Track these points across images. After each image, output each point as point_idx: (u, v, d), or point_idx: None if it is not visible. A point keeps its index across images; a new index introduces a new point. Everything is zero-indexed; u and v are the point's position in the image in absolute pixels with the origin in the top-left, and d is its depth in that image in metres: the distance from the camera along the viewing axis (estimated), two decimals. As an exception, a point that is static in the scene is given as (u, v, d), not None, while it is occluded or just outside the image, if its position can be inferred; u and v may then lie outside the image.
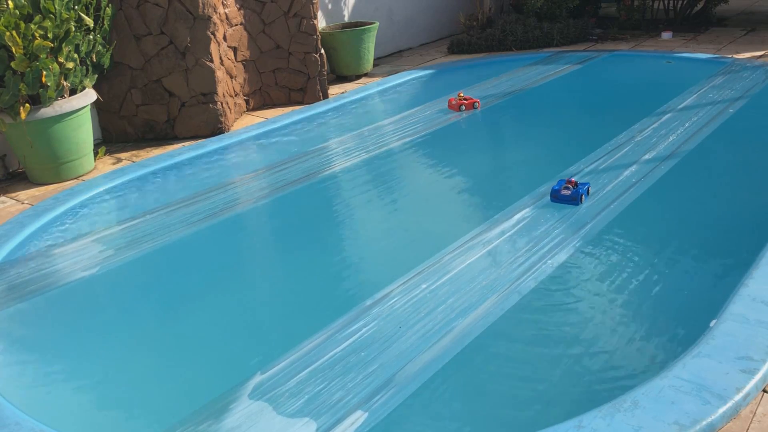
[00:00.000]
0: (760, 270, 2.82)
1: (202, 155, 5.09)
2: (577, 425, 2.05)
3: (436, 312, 2.88)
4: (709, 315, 2.58)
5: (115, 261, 3.62)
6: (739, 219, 3.70)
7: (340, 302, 3.14)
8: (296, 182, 4.52)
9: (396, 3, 8.29)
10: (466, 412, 2.40)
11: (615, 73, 6.97)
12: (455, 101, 5.82)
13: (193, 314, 3.19)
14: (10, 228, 3.92)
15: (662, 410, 2.08)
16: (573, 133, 5.45)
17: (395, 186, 4.55)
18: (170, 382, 2.72)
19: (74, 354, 2.95)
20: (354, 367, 2.57)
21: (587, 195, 3.89)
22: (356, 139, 5.37)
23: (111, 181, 4.59)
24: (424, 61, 7.77)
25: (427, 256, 3.36)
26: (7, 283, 3.41)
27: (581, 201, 3.83)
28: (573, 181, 3.87)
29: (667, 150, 4.54)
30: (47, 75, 4.45)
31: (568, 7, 8.25)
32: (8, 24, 4.29)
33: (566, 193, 3.83)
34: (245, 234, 4.11)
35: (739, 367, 2.24)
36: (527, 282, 3.08)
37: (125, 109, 5.56)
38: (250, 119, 5.99)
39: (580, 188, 3.85)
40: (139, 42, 5.39)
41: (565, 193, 3.84)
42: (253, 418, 2.35)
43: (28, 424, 2.34)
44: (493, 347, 2.71)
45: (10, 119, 4.49)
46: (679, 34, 7.99)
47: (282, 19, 6.16)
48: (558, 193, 3.86)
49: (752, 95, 5.54)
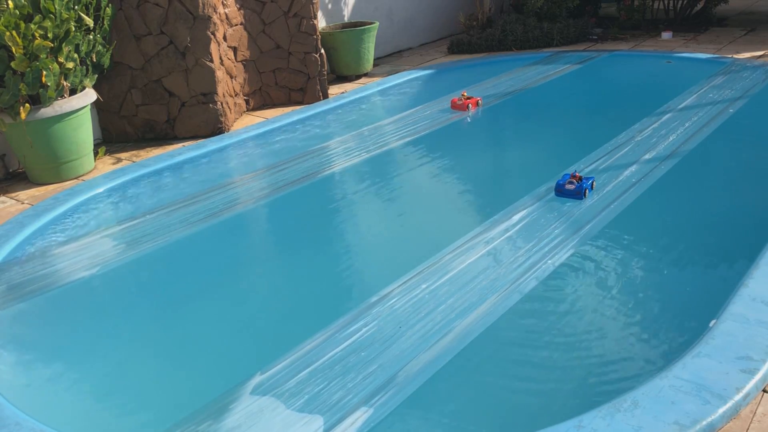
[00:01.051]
0: (760, 270, 2.83)
1: (202, 155, 5.09)
2: (577, 425, 2.05)
3: (436, 312, 2.88)
4: (709, 315, 2.58)
5: (115, 261, 3.62)
6: (739, 219, 3.70)
7: (340, 302, 3.14)
8: (296, 182, 4.52)
9: (396, 3, 8.29)
10: (466, 412, 2.40)
11: (615, 73, 6.98)
12: (459, 101, 5.81)
13: (192, 314, 3.19)
14: (10, 228, 3.92)
15: (662, 410, 2.08)
16: (573, 133, 5.46)
17: (395, 186, 4.55)
18: (170, 382, 2.72)
19: (74, 354, 2.95)
20: (354, 367, 2.57)
21: (591, 189, 3.91)
22: (356, 139, 5.37)
23: (111, 181, 4.59)
24: (424, 61, 7.77)
25: (427, 255, 3.36)
26: (7, 283, 3.41)
27: (585, 195, 3.85)
28: (578, 176, 3.90)
29: (667, 150, 4.54)
30: (47, 75, 4.45)
31: (568, 7, 8.25)
32: (8, 24, 4.29)
33: (570, 187, 3.87)
34: (245, 234, 4.11)
35: (739, 367, 2.24)
36: (527, 282, 3.08)
37: (125, 109, 5.56)
38: (250, 119, 5.99)
39: (584, 183, 3.88)
40: (139, 42, 5.39)
41: (569, 187, 3.87)
42: (253, 418, 2.35)
43: (28, 424, 2.34)
44: (493, 347, 2.71)
45: (10, 119, 4.49)
46: (679, 34, 7.99)
47: (282, 19, 6.16)
48: (562, 188, 3.90)
49: (752, 95, 5.53)
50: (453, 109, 5.83)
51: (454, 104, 5.84)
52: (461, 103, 5.79)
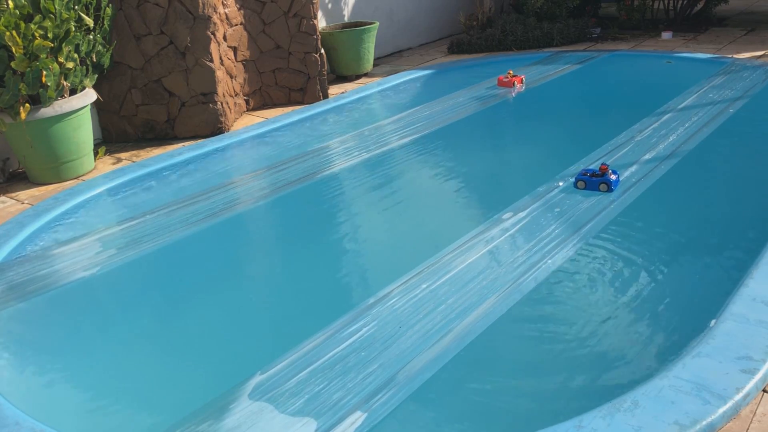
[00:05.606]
0: (760, 270, 2.83)
1: (202, 155, 5.09)
2: (577, 425, 2.05)
3: (436, 312, 2.88)
4: (709, 315, 2.58)
5: (115, 261, 3.62)
6: (739, 219, 3.70)
7: (340, 302, 3.14)
8: (296, 182, 4.52)
9: (396, 3, 8.29)
10: (466, 412, 2.40)
11: (615, 73, 6.97)
12: (506, 78, 6.29)
13: (192, 314, 3.19)
14: (10, 228, 3.92)
15: (662, 410, 2.08)
16: (573, 132, 5.46)
17: (395, 186, 4.54)
18: (170, 382, 2.72)
19: (74, 354, 2.95)
20: (354, 367, 2.57)
21: (615, 184, 3.96)
22: (356, 138, 5.37)
23: (111, 181, 4.59)
24: (424, 61, 7.77)
25: (427, 255, 3.36)
26: (7, 283, 3.41)
27: (609, 189, 3.92)
28: (604, 167, 3.96)
29: (667, 150, 4.54)
30: (47, 75, 4.45)
31: (568, 7, 8.25)
32: (8, 24, 4.29)
33: (594, 178, 3.95)
34: (245, 234, 4.11)
35: (739, 367, 2.24)
36: (527, 282, 3.08)
37: (125, 109, 5.56)
38: (250, 119, 5.99)
39: (607, 177, 3.93)
40: (139, 42, 5.39)
41: (593, 178, 3.95)
42: (253, 418, 2.35)
43: (28, 424, 2.34)
44: (493, 347, 2.71)
45: (10, 119, 4.49)
46: (679, 34, 7.99)
47: (282, 19, 6.16)
48: (586, 179, 3.97)
49: (752, 95, 5.53)
50: (499, 86, 6.34)
51: (501, 81, 6.33)
52: (507, 80, 6.27)
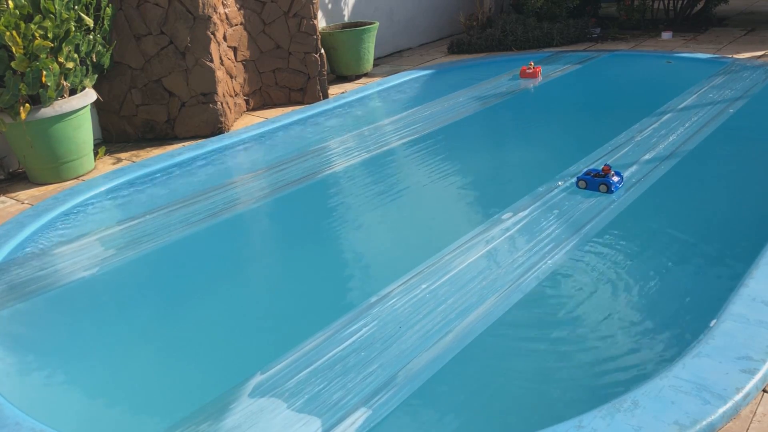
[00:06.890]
0: (760, 270, 2.82)
1: (202, 155, 5.09)
2: (577, 425, 2.05)
3: (436, 312, 2.88)
4: (709, 315, 2.58)
5: (115, 261, 3.62)
6: (739, 219, 3.70)
7: (340, 302, 3.14)
8: (296, 182, 4.52)
9: (396, 3, 8.29)
10: (466, 412, 2.40)
11: (615, 73, 6.97)
12: (529, 69, 6.52)
13: (192, 314, 3.19)
14: (10, 228, 3.92)
15: (662, 410, 2.08)
16: (573, 133, 5.46)
17: (395, 186, 4.54)
18: (170, 382, 2.72)
19: (74, 354, 2.95)
20: (354, 367, 2.57)
21: (617, 186, 3.95)
22: (356, 138, 5.37)
23: (111, 181, 4.59)
24: (424, 61, 7.77)
25: (427, 255, 3.36)
26: (7, 283, 3.41)
27: (609, 190, 3.91)
28: (607, 168, 3.95)
29: (667, 150, 4.54)
30: (47, 75, 4.45)
31: (568, 7, 8.25)
32: (8, 24, 4.29)
33: (596, 178, 3.95)
34: (245, 234, 4.11)
35: (739, 367, 2.24)
36: (527, 281, 3.08)
37: (125, 109, 5.56)
38: (250, 119, 5.99)
39: (608, 178, 3.93)
40: (139, 42, 5.39)
41: (595, 178, 3.95)
42: (253, 418, 2.35)
43: (28, 424, 2.34)
44: (493, 347, 2.71)
45: (10, 119, 4.49)
46: (679, 34, 7.98)
47: (282, 19, 6.16)
48: (588, 179, 3.97)
49: (752, 95, 5.53)
50: (522, 77, 6.54)
51: (524, 72, 6.54)
52: (531, 70, 6.50)
